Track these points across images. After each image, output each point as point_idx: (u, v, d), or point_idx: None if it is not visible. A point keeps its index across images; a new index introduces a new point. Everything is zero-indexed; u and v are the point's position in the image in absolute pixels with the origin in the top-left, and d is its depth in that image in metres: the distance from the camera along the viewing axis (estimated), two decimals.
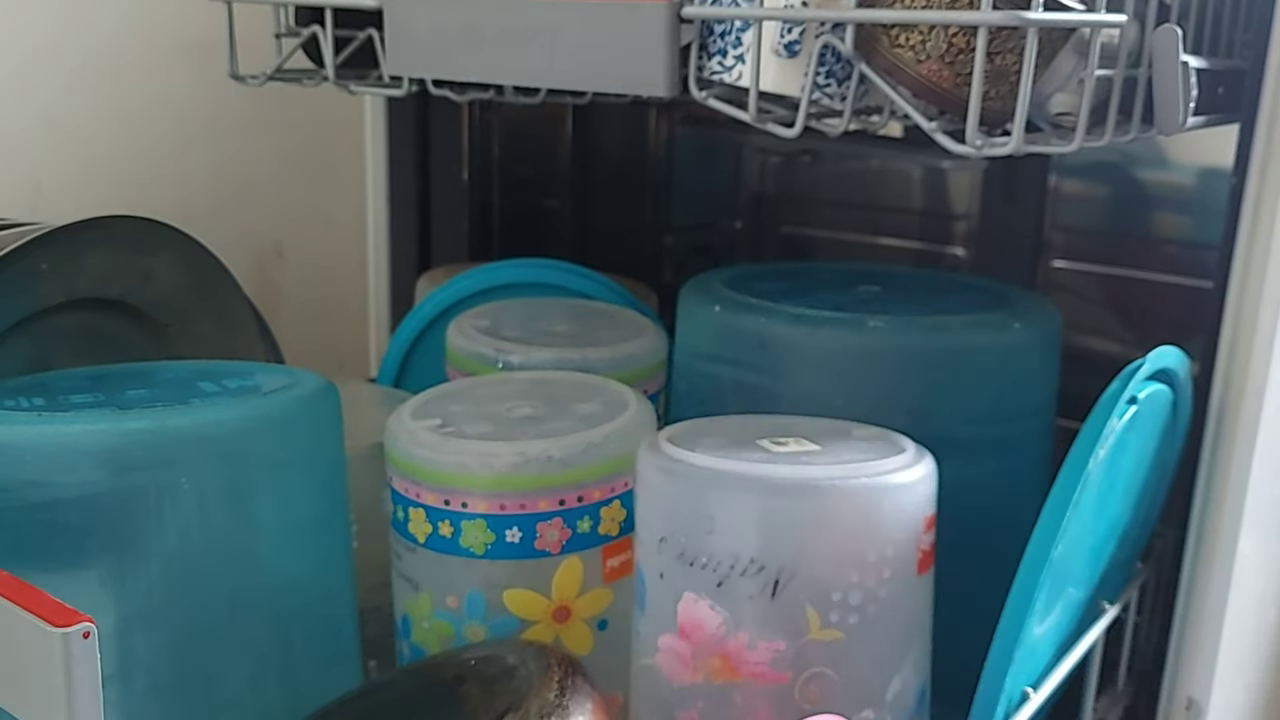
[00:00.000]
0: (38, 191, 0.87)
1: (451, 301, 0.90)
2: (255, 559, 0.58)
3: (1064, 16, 0.51)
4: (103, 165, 0.91)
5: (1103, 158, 0.93)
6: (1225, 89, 0.65)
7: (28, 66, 0.85)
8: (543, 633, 0.60)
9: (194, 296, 0.71)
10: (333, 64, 0.71)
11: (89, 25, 0.88)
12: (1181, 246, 0.91)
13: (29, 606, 0.39)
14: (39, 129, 0.87)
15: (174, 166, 0.95)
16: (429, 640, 0.62)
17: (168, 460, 0.54)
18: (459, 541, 0.59)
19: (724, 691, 0.54)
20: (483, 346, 0.76)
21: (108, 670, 0.39)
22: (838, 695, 0.54)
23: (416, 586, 0.62)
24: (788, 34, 0.55)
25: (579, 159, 1.16)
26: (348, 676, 0.62)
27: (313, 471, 0.60)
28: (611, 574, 0.61)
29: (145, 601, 0.55)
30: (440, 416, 0.63)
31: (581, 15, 0.58)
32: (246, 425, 0.56)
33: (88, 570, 0.54)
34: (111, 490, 0.53)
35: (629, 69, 0.57)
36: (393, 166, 1.10)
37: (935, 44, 0.53)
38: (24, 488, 0.52)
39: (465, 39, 0.63)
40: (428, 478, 0.59)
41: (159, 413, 0.55)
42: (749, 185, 1.15)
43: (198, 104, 0.95)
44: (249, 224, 1.02)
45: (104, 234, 0.66)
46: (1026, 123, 0.51)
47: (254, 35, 0.77)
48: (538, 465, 0.58)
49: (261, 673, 0.58)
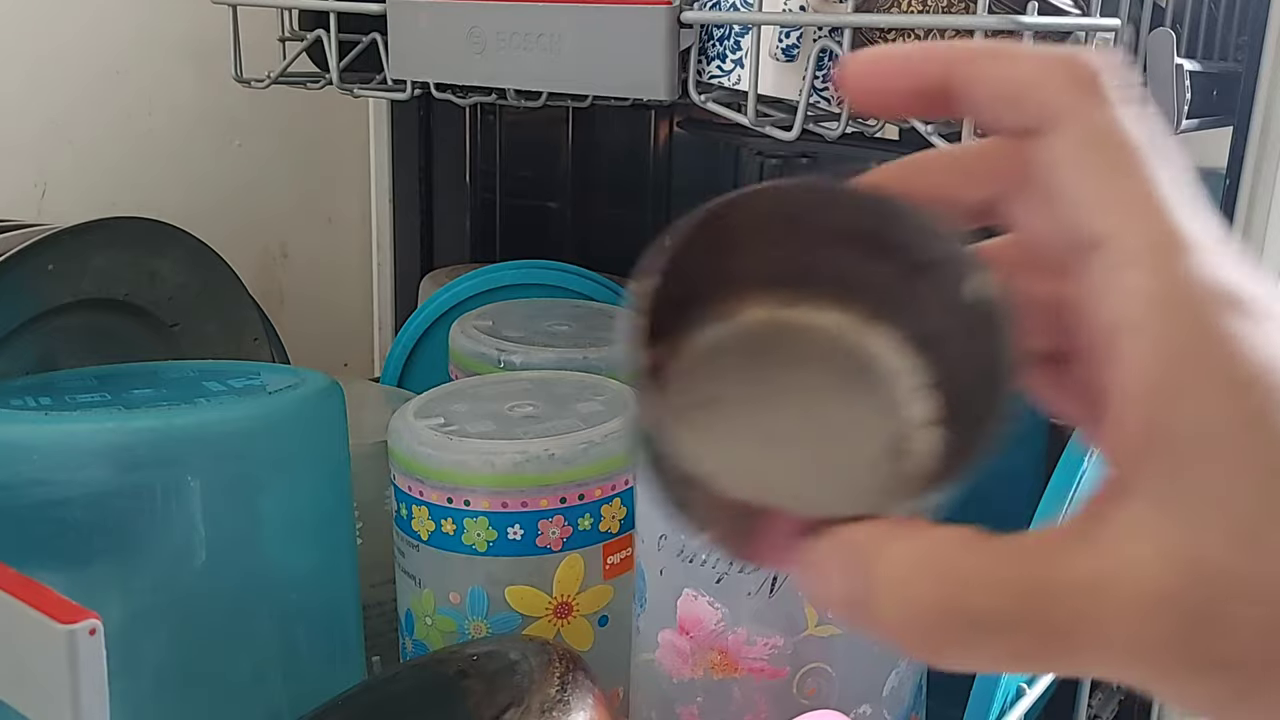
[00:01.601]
0: (43, 193, 0.88)
1: (454, 302, 0.91)
2: (260, 556, 0.58)
3: (1059, 21, 0.52)
4: (108, 167, 0.91)
5: None
6: (1219, 92, 0.65)
7: (33, 69, 0.86)
8: (544, 628, 0.60)
9: (200, 297, 0.71)
10: (337, 68, 0.71)
11: (94, 28, 0.89)
12: None
13: (35, 604, 0.39)
14: (44, 130, 0.87)
15: (179, 168, 0.95)
16: (432, 636, 0.62)
17: (174, 459, 0.54)
18: (461, 538, 0.60)
19: (723, 686, 0.54)
20: (485, 346, 0.77)
21: (113, 667, 0.39)
22: (835, 690, 0.54)
23: (419, 583, 0.62)
24: (786, 38, 0.56)
25: (580, 161, 1.16)
26: (351, 672, 0.63)
27: (317, 470, 0.61)
28: (612, 570, 0.62)
29: (151, 599, 0.55)
30: (443, 415, 0.63)
31: (582, 19, 0.59)
32: (252, 424, 0.57)
33: (94, 568, 0.54)
34: (118, 489, 0.53)
35: (629, 73, 0.58)
36: (396, 169, 1.10)
37: None
38: (31, 486, 0.52)
39: (468, 43, 0.63)
40: (431, 476, 0.60)
41: (165, 412, 0.55)
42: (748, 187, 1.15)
43: (202, 106, 0.95)
44: (254, 225, 1.02)
45: (110, 235, 0.66)
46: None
47: (258, 39, 0.77)
48: (539, 463, 0.59)
49: (266, 668, 0.58)
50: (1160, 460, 0.21)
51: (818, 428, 0.27)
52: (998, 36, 0.52)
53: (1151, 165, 0.23)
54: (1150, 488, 0.21)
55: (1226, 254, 0.23)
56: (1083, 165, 0.23)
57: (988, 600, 0.22)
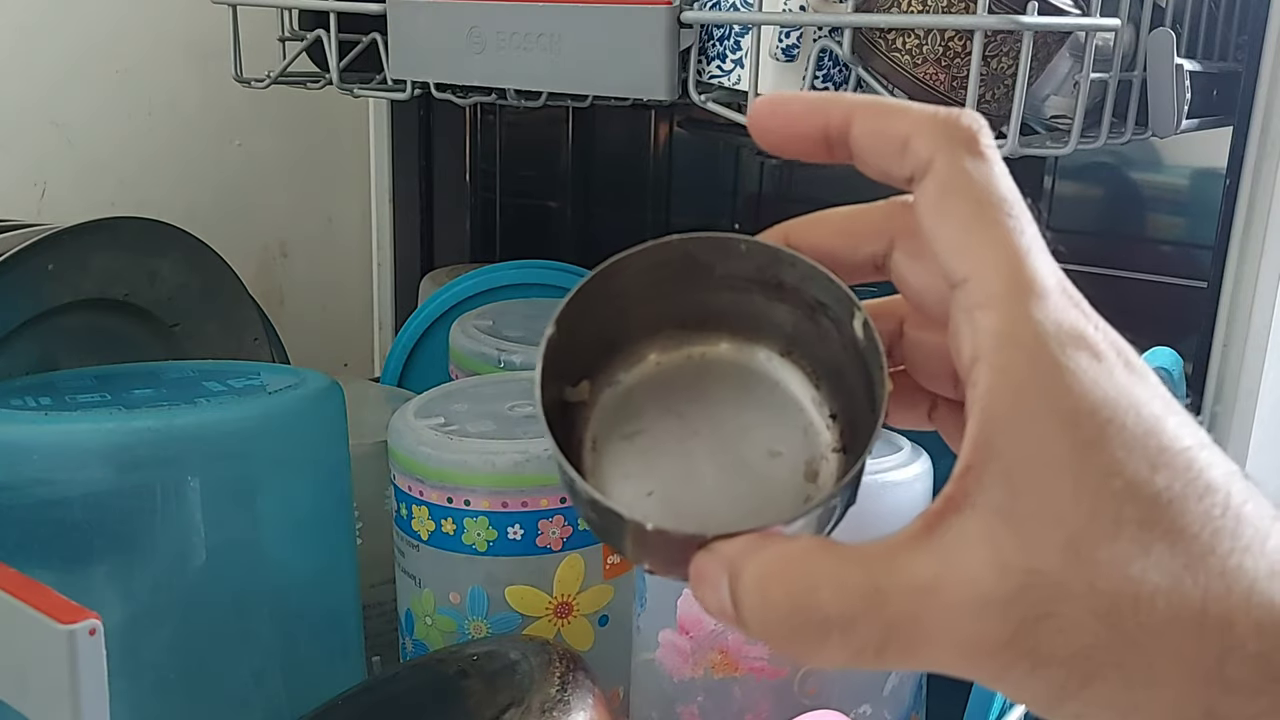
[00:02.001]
0: (43, 193, 0.88)
1: (454, 302, 0.91)
2: (260, 556, 0.58)
3: (1059, 20, 0.52)
4: (108, 167, 0.91)
5: (1097, 160, 0.94)
6: (1219, 92, 0.65)
7: (33, 68, 0.86)
8: (544, 628, 0.60)
9: (200, 297, 0.71)
10: (337, 67, 0.71)
11: (94, 27, 0.88)
12: (1175, 247, 0.92)
13: (36, 604, 0.39)
14: (44, 130, 0.87)
15: (179, 168, 0.95)
16: (432, 636, 0.62)
17: (174, 459, 0.54)
18: (461, 538, 0.60)
19: (724, 686, 0.54)
20: (485, 346, 0.77)
21: (113, 667, 0.39)
22: (836, 690, 0.54)
23: (419, 583, 0.62)
24: (786, 38, 0.56)
25: (580, 161, 1.16)
26: (351, 672, 0.63)
27: (317, 470, 0.61)
28: (612, 570, 0.62)
29: (151, 598, 0.55)
30: (443, 415, 0.63)
31: (583, 19, 0.59)
32: (252, 424, 0.57)
33: (94, 567, 0.54)
34: (118, 488, 0.53)
35: (629, 73, 0.58)
36: (396, 168, 1.10)
37: (932, 47, 0.53)
38: (31, 486, 0.52)
39: (468, 43, 0.63)
40: (431, 475, 0.60)
41: (165, 412, 0.55)
42: (748, 187, 1.15)
43: (203, 106, 0.95)
44: (254, 225, 1.02)
45: (110, 235, 0.66)
46: (1022, 125, 0.52)
47: (258, 38, 0.77)
48: (539, 463, 0.59)
49: (266, 668, 0.58)
50: (997, 477, 0.24)
51: (734, 456, 0.30)
52: (998, 35, 0.52)
53: (1012, 216, 0.25)
54: (987, 501, 0.24)
55: (1074, 300, 0.25)
56: (949, 211, 0.26)
57: (833, 600, 0.24)
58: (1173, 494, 0.23)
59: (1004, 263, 0.25)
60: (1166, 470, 0.23)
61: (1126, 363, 0.25)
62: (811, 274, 0.29)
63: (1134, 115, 0.61)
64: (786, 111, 0.28)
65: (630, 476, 0.29)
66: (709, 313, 0.31)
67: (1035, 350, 0.24)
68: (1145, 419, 0.24)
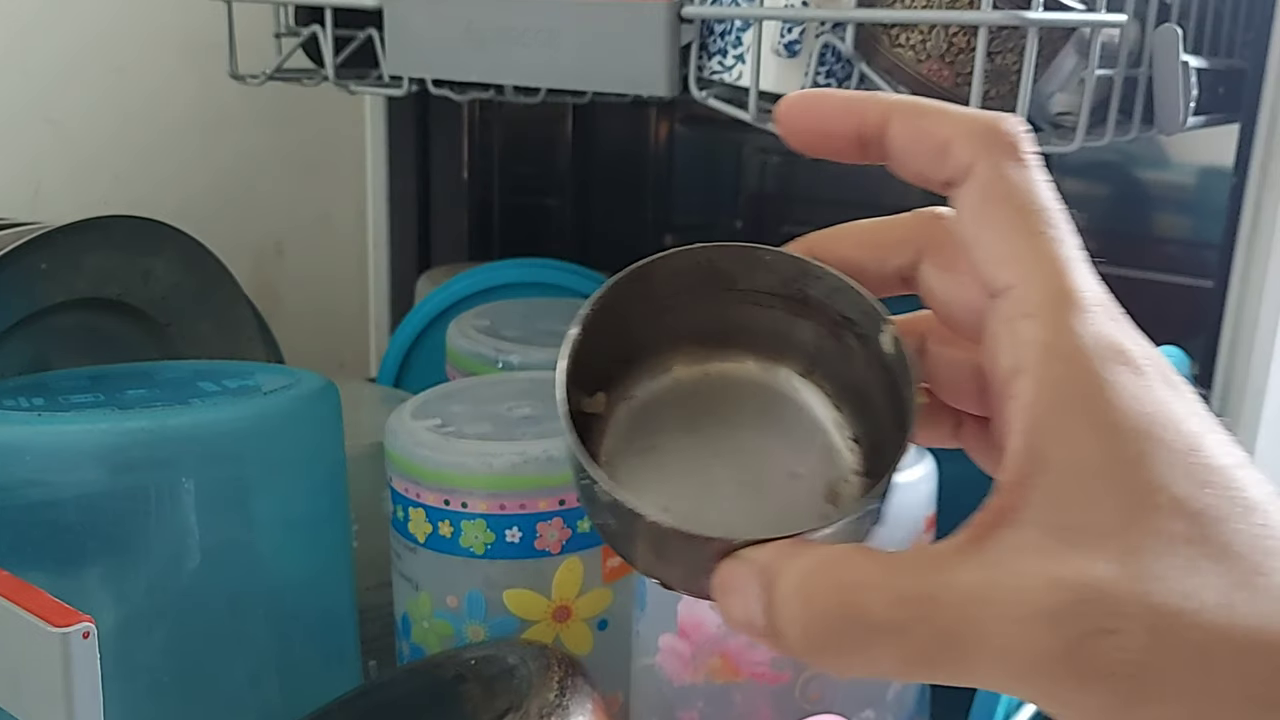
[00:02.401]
0: (37, 191, 0.87)
1: (451, 301, 0.91)
2: (255, 558, 0.58)
3: (1064, 16, 0.51)
4: (102, 165, 0.91)
5: (1103, 157, 0.93)
6: (1226, 89, 0.65)
7: (27, 65, 0.85)
8: (543, 632, 0.60)
9: (194, 296, 0.71)
10: (332, 64, 0.71)
11: (88, 24, 0.88)
12: (1182, 246, 0.91)
13: (29, 606, 0.40)
14: (38, 128, 0.87)
15: (173, 166, 0.95)
16: (429, 640, 0.62)
17: (168, 460, 0.54)
18: (459, 541, 0.59)
19: (725, 691, 0.54)
20: (482, 346, 0.76)
21: (107, 670, 0.39)
22: (838, 695, 0.54)
23: (416, 586, 0.62)
24: (788, 34, 0.55)
25: (579, 158, 1.16)
26: (347, 676, 0.62)
27: (313, 471, 0.60)
28: (612, 574, 0.61)
29: (145, 601, 0.55)
30: (440, 416, 0.63)
31: (581, 14, 0.58)
32: (246, 425, 0.56)
33: (87, 570, 0.54)
34: (111, 490, 0.53)
35: (629, 68, 0.58)
36: (393, 166, 1.10)
37: (936, 43, 0.53)
38: (24, 487, 0.52)
39: (465, 38, 0.63)
40: (428, 477, 0.59)
41: (159, 412, 0.55)
42: (749, 185, 1.15)
43: (198, 103, 0.95)
44: (249, 224, 1.02)
45: (103, 234, 0.65)
46: (1027, 122, 0.51)
47: (254, 35, 0.77)
48: (537, 465, 0.58)
49: (261, 672, 0.58)
50: (1048, 490, 0.24)
51: (753, 476, 0.29)
52: (1003, 31, 0.51)
53: (1054, 225, 0.26)
54: (1038, 514, 0.23)
55: (1115, 313, 0.25)
56: (990, 218, 0.26)
57: (883, 605, 0.23)
58: (1219, 512, 0.23)
59: (1048, 274, 0.25)
60: (1210, 488, 0.23)
61: (1165, 378, 0.25)
62: (839, 287, 0.28)
63: (1140, 112, 0.61)
64: (820, 110, 0.28)
65: (644, 491, 0.28)
66: (729, 326, 0.30)
67: (1079, 363, 0.24)
68: (1186, 435, 0.24)
